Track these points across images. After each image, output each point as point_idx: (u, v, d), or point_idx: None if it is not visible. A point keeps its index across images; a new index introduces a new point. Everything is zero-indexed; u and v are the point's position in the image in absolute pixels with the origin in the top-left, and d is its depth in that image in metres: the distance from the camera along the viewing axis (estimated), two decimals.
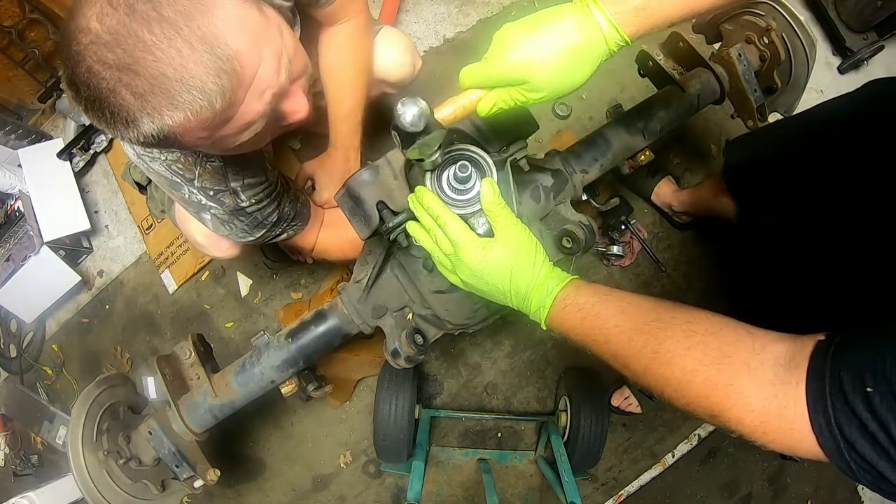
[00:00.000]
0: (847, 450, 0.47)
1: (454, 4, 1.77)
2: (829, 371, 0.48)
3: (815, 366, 0.50)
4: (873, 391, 0.44)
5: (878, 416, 0.44)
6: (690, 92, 1.09)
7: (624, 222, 1.53)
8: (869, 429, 0.45)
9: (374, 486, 1.57)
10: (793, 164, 0.95)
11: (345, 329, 0.99)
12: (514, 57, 0.60)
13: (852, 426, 0.46)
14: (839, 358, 0.49)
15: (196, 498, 1.53)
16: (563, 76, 0.61)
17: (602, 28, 0.59)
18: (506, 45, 0.61)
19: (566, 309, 0.66)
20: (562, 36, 0.60)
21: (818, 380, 0.49)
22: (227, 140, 0.70)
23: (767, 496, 1.59)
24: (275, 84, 0.68)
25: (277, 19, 0.71)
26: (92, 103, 0.60)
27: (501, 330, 1.57)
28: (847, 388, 0.46)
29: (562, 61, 0.60)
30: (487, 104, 0.65)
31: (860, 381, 0.46)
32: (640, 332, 0.61)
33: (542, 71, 0.60)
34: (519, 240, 0.70)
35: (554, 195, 0.95)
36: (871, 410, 0.44)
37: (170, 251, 1.72)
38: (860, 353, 0.48)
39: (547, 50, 0.60)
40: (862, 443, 0.45)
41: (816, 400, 0.48)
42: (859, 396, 0.45)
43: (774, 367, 0.52)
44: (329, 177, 1.26)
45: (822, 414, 0.48)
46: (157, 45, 0.58)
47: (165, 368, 1.04)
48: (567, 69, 0.61)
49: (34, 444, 1.79)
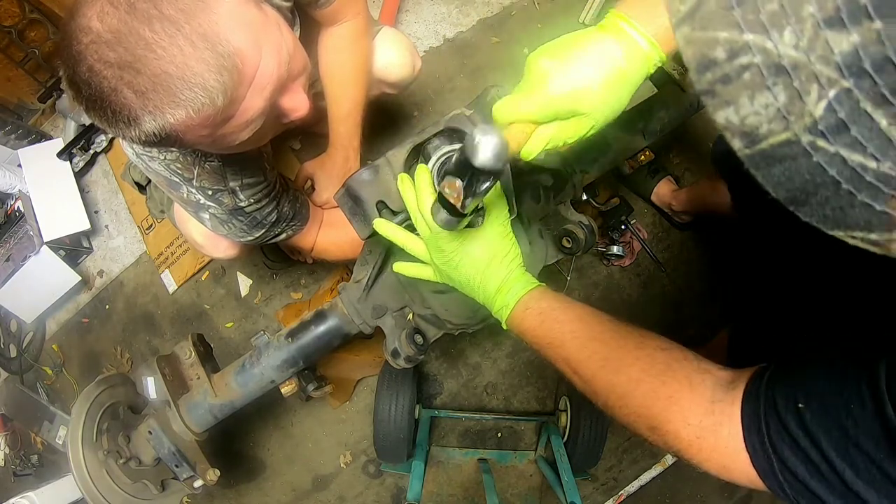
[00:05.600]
0: (780, 469, 0.47)
1: (454, 4, 1.77)
2: (764, 392, 0.49)
3: (752, 388, 0.51)
4: (804, 407, 0.45)
5: (809, 432, 0.45)
6: (690, 92, 1.09)
7: (624, 222, 1.53)
8: (801, 445, 0.45)
9: (374, 486, 1.57)
10: None
11: (345, 329, 0.99)
12: (560, 87, 0.56)
13: (784, 444, 0.46)
14: (774, 380, 0.50)
15: (196, 498, 1.53)
16: (613, 103, 0.58)
17: (643, 48, 0.56)
18: (545, 74, 0.56)
19: (528, 311, 0.67)
20: (606, 60, 0.56)
21: (753, 400, 0.50)
22: (228, 138, 0.70)
23: (767, 496, 1.58)
24: (275, 80, 0.68)
25: (277, 17, 0.71)
26: (93, 102, 0.60)
27: (501, 330, 1.56)
28: (780, 407, 0.47)
29: (611, 87, 0.56)
30: (536, 146, 0.60)
31: (793, 400, 0.46)
32: (594, 339, 0.61)
33: (594, 99, 0.56)
34: (501, 238, 0.69)
35: (554, 195, 0.95)
36: (803, 427, 0.45)
37: (170, 251, 1.72)
38: (794, 373, 0.49)
39: (596, 77, 0.56)
40: (794, 461, 0.46)
41: (751, 419, 0.49)
42: (791, 414, 0.46)
43: (714, 387, 0.53)
44: (328, 177, 1.25)
45: (756, 433, 0.48)
46: (158, 42, 0.58)
47: (165, 368, 1.04)
48: (616, 95, 0.57)
49: (34, 444, 1.79)
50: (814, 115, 0.26)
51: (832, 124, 0.25)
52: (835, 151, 0.26)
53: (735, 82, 0.27)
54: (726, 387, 0.52)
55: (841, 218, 0.28)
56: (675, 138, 1.59)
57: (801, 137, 0.26)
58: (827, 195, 0.28)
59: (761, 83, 0.27)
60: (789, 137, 0.27)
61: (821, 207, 0.28)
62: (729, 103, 0.28)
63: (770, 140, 0.28)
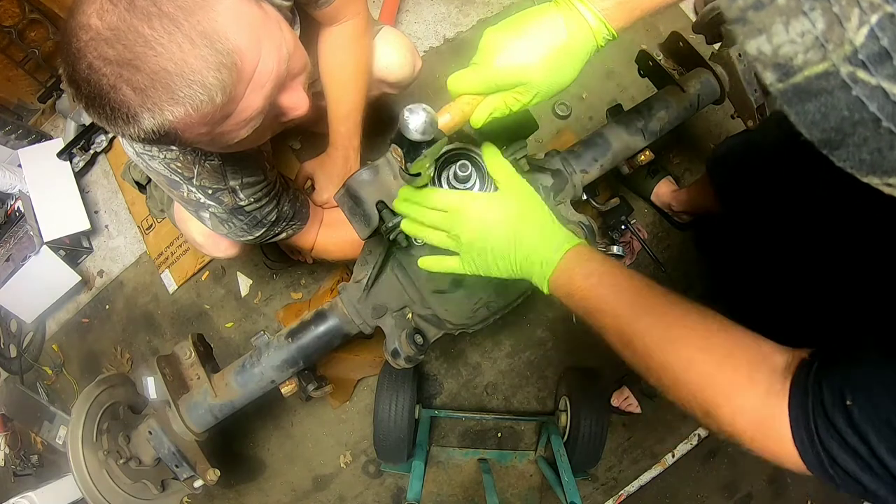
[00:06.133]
0: (830, 464, 0.47)
1: (454, 4, 1.77)
2: (812, 386, 0.49)
3: (799, 381, 0.50)
4: (852, 405, 0.45)
5: (857, 430, 0.44)
6: (690, 92, 1.09)
7: (624, 222, 1.53)
8: (849, 442, 0.45)
9: (374, 486, 1.57)
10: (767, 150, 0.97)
11: (345, 329, 0.99)
12: (505, 60, 0.59)
13: (832, 440, 0.46)
14: (821, 373, 0.49)
15: (196, 498, 1.53)
16: (555, 75, 0.60)
17: (590, 23, 0.58)
18: (493, 48, 0.60)
19: (575, 271, 0.62)
20: (550, 34, 0.59)
21: (801, 395, 0.49)
22: (227, 136, 0.70)
23: (767, 496, 1.59)
24: (275, 78, 0.69)
25: (277, 15, 0.71)
26: (93, 100, 0.60)
27: (501, 330, 1.57)
28: (827, 403, 0.47)
29: (553, 60, 0.59)
30: (482, 114, 0.63)
31: (839, 395, 0.46)
32: (650, 312, 0.58)
33: (535, 72, 0.59)
34: (525, 191, 0.67)
35: (554, 195, 0.95)
36: (851, 424, 0.44)
37: (170, 251, 1.72)
38: (840, 368, 0.48)
39: (537, 50, 0.58)
40: (844, 457, 0.46)
41: (799, 415, 0.49)
42: (839, 411, 0.46)
43: (770, 378, 0.52)
44: (328, 177, 1.25)
45: (804, 429, 0.48)
46: (157, 40, 0.58)
47: (165, 368, 1.04)
48: (558, 68, 0.60)
49: (34, 444, 1.79)
50: (854, 44, 0.23)
51: (874, 53, 0.23)
52: (876, 84, 0.24)
53: (769, 7, 0.25)
54: (781, 376, 0.52)
55: (878, 161, 0.26)
56: (675, 138, 1.59)
57: (839, 68, 0.24)
58: (865, 135, 0.25)
59: (797, 8, 0.25)
60: (827, 68, 0.25)
61: (857, 150, 0.26)
62: (761, 31, 0.26)
63: (805, 72, 0.25)
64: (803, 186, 0.87)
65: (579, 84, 1.66)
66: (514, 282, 0.69)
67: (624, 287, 0.60)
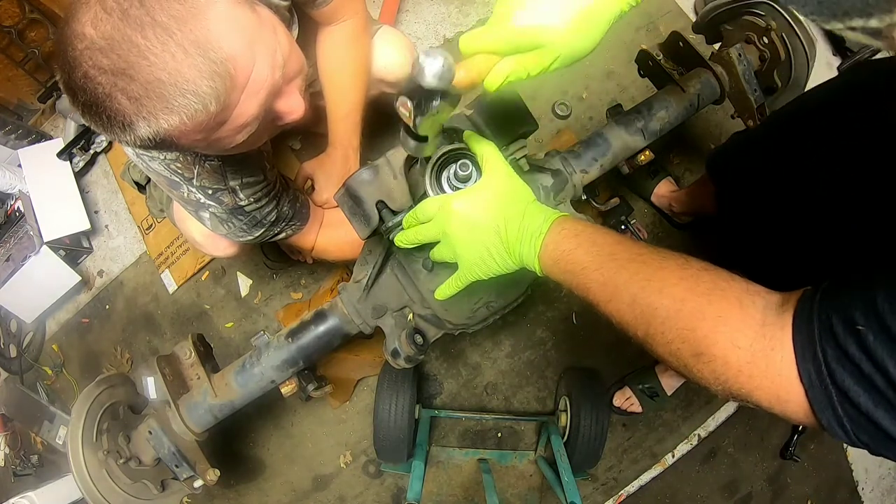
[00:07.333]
0: (840, 401, 0.43)
1: (454, 4, 1.77)
2: (818, 315, 0.44)
3: (803, 311, 0.46)
4: (865, 329, 0.40)
5: (873, 356, 0.40)
6: (690, 92, 1.09)
7: (624, 222, 1.53)
8: (864, 371, 0.41)
9: (374, 486, 1.57)
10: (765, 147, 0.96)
11: (345, 329, 0.99)
12: (524, 19, 0.55)
13: (845, 371, 0.42)
14: (826, 301, 0.45)
15: (196, 498, 1.53)
16: (578, 39, 0.56)
17: None
18: (511, 6, 0.56)
19: (562, 232, 0.63)
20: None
21: (806, 324, 0.45)
22: (223, 141, 0.71)
23: (767, 496, 1.59)
24: (269, 85, 0.69)
25: (272, 19, 0.71)
26: (89, 108, 0.60)
27: (501, 330, 1.57)
28: (837, 330, 0.42)
29: (576, 22, 0.55)
30: (497, 77, 0.58)
31: (850, 321, 0.42)
32: (633, 259, 0.58)
33: (556, 34, 0.55)
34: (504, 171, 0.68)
35: (554, 195, 0.95)
36: (865, 350, 0.40)
37: (170, 251, 1.72)
38: (848, 294, 0.44)
39: (559, 10, 0.55)
40: (856, 389, 0.41)
41: (805, 346, 0.44)
42: (851, 337, 0.41)
43: (765, 308, 0.49)
44: (328, 177, 1.26)
45: (812, 360, 0.44)
46: (150, 49, 0.58)
47: (165, 368, 1.04)
48: (582, 30, 0.56)
49: (34, 444, 1.79)
50: None
51: None
52: None
53: None
54: (777, 309, 0.48)
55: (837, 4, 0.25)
56: (675, 138, 1.59)
57: None
58: None
59: None
60: None
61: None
62: None
63: None
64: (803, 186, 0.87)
65: (579, 84, 1.66)
66: (513, 280, 0.70)
67: (609, 241, 0.61)
